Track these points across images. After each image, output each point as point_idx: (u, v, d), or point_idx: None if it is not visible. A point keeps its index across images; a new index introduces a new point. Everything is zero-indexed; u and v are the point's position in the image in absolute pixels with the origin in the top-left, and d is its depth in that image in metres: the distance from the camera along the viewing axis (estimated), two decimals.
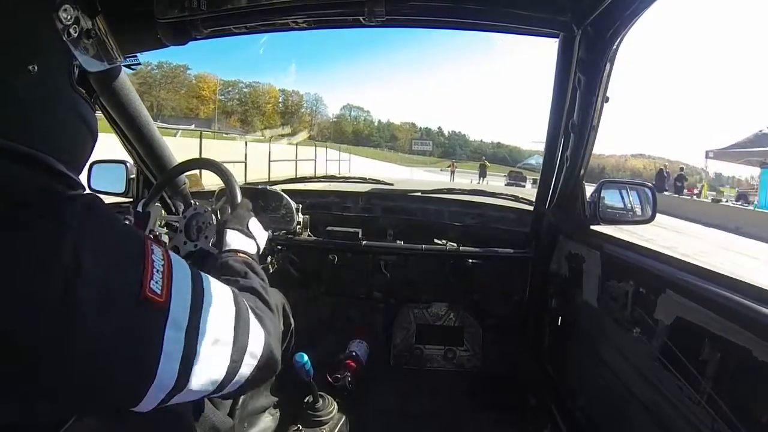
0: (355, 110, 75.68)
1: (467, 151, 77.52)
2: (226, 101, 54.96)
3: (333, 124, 71.08)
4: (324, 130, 67.22)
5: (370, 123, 76.87)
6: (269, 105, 61.15)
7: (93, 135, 0.57)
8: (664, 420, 0.80)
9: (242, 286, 0.67)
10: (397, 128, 78.62)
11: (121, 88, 1.26)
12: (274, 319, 0.65)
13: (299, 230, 1.58)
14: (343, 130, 70.72)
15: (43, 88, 0.48)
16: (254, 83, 60.11)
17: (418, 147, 67.12)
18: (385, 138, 75.02)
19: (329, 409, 1.11)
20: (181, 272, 0.50)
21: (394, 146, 72.12)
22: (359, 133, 72.23)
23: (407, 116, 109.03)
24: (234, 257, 0.78)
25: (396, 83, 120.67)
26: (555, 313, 1.37)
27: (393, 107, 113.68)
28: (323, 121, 69.65)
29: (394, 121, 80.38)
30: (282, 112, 62.89)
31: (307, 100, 67.51)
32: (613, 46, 1.00)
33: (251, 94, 59.48)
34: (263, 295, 0.67)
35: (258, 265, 0.80)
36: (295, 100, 66.17)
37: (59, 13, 0.51)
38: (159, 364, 0.43)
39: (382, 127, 77.09)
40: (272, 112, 61.00)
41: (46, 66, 0.48)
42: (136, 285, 0.43)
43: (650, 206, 1.25)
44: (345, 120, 73.60)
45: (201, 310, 0.49)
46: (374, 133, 75.09)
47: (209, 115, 46.47)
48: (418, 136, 76.29)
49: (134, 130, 1.40)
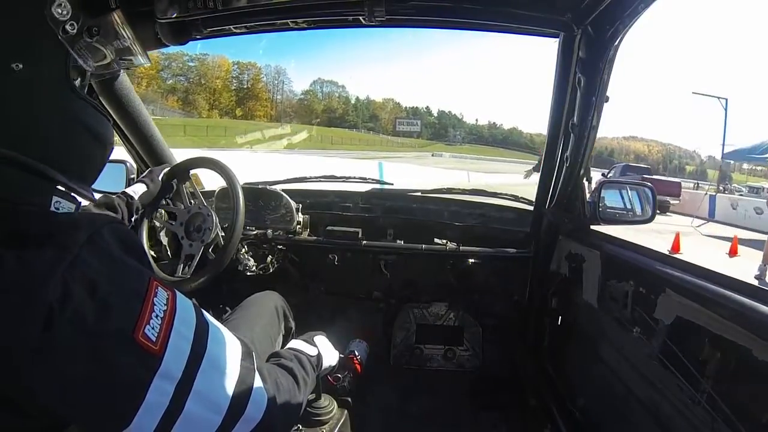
0: (327, 85, 64.96)
1: (461, 132, 68.66)
2: (165, 78, 46.45)
3: (299, 102, 60.76)
4: (287, 109, 57.61)
5: (346, 100, 65.97)
6: (219, 80, 52.01)
7: (101, 143, 0.53)
8: (664, 420, 0.80)
9: (280, 363, 0.66)
10: (379, 106, 67.74)
11: (121, 88, 1.26)
12: (293, 391, 0.61)
13: (299, 230, 1.58)
14: (312, 108, 60.59)
15: (30, 89, 0.45)
16: (202, 55, 50.27)
17: (403, 128, 58.81)
18: (364, 117, 64.38)
19: (329, 409, 1.11)
20: (185, 320, 0.46)
21: (374, 127, 62.39)
22: (332, 111, 61.85)
23: (390, 95, 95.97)
24: (286, 350, 0.77)
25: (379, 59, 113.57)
26: (555, 313, 1.37)
27: (373, 85, 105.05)
28: (286, 99, 59.76)
29: (374, 98, 69.55)
30: (236, 89, 53.89)
31: (266, 74, 57.51)
32: (613, 46, 1.00)
33: (198, 69, 50.57)
34: (294, 372, 0.65)
35: (310, 365, 0.75)
36: (252, 74, 56.35)
37: (52, 8, 0.47)
38: (137, 414, 0.40)
39: (360, 105, 66.29)
40: (222, 88, 52.41)
41: (36, 66, 0.45)
42: (128, 326, 0.40)
43: (650, 206, 1.25)
44: (314, 97, 62.93)
45: (200, 366, 0.45)
46: (350, 111, 64.22)
47: (143, 95, 36.57)
48: (404, 115, 65.81)
49: (134, 130, 1.40)
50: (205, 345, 0.47)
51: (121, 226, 0.46)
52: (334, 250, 1.57)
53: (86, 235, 0.41)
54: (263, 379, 0.54)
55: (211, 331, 0.49)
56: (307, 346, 0.83)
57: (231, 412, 0.47)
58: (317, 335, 0.92)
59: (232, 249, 1.22)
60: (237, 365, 0.50)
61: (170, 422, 0.42)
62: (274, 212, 1.59)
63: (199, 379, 0.45)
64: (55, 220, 0.44)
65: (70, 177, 0.49)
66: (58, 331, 0.36)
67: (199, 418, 0.45)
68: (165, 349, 0.42)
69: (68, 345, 0.37)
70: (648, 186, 1.29)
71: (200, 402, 0.45)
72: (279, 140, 33.65)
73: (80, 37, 0.52)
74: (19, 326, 0.35)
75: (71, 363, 0.38)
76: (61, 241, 0.39)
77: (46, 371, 0.37)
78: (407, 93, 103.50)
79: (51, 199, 0.47)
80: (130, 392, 0.41)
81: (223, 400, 0.47)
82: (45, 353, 0.36)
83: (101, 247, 0.42)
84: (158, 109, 40.51)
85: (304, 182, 1.75)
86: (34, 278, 0.36)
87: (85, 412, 0.40)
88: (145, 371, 0.41)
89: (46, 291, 0.36)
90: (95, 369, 0.39)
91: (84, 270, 0.39)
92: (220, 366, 0.48)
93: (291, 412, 0.60)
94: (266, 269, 1.55)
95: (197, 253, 1.26)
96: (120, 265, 0.43)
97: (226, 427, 0.47)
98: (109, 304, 0.40)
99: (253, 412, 0.50)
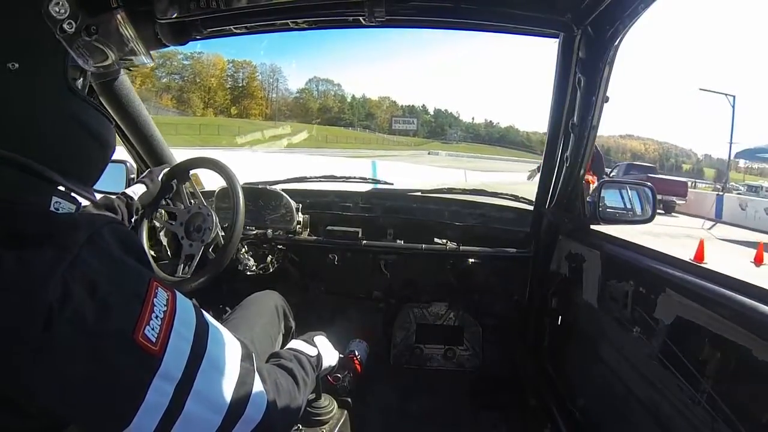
0: (323, 84, 64.07)
1: (458, 130, 68.05)
2: (159, 77, 45.09)
3: (294, 101, 60.22)
4: (282, 107, 57.33)
5: (342, 98, 65.03)
6: (213, 78, 51.00)
7: (101, 144, 0.53)
8: (664, 420, 0.80)
9: (280, 364, 0.66)
10: (375, 105, 67.15)
11: (121, 89, 1.26)
12: (293, 391, 0.61)
13: (299, 230, 1.58)
14: (307, 107, 59.91)
15: (27, 89, 0.45)
16: (197, 53, 49.37)
17: (399, 126, 58.20)
18: (360, 116, 63.82)
19: (329, 409, 1.11)
20: (184, 321, 0.46)
21: (370, 125, 61.64)
22: (328, 110, 61.14)
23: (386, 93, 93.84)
24: (286, 350, 0.77)
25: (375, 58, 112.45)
26: (555, 313, 1.37)
27: (370, 83, 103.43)
28: (280, 97, 59.28)
29: (370, 96, 68.67)
30: (231, 88, 53.36)
31: (261, 72, 56.52)
32: (613, 46, 1.00)
33: (193, 67, 49.48)
34: (294, 372, 0.65)
35: (309, 365, 0.75)
36: (247, 72, 55.28)
37: (49, 7, 0.46)
38: (137, 415, 0.40)
39: (356, 103, 65.56)
40: (217, 86, 51.48)
41: (33, 65, 0.45)
42: (128, 327, 0.40)
43: (650, 206, 1.25)
44: (310, 96, 62.24)
45: (199, 367, 0.45)
46: (346, 110, 63.62)
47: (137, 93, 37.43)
48: (400, 113, 65.46)
49: (134, 130, 1.40)
50: (205, 346, 0.47)
51: (120, 227, 0.46)
52: (334, 250, 1.57)
53: (86, 236, 0.41)
54: (263, 380, 0.53)
55: (211, 331, 0.49)
56: (307, 347, 0.83)
57: (231, 412, 0.47)
58: (317, 335, 0.92)
59: (232, 249, 1.22)
60: (237, 366, 0.50)
61: (170, 423, 0.42)
62: (274, 212, 1.59)
63: (199, 380, 0.45)
64: (54, 220, 0.43)
65: (69, 177, 0.49)
66: (58, 331, 0.36)
67: (199, 418, 0.45)
68: (165, 349, 0.42)
69: (68, 345, 0.37)
70: (648, 186, 1.29)
71: (200, 402, 0.45)
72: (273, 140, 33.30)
73: (79, 36, 0.51)
74: (19, 326, 0.35)
75: (71, 363, 0.38)
76: (61, 241, 0.39)
77: (46, 371, 0.37)
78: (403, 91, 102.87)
79: (50, 200, 0.47)
80: (129, 393, 0.41)
81: (222, 400, 0.47)
82: (45, 353, 0.36)
83: (101, 248, 0.41)
84: (152, 107, 39.70)
85: (304, 182, 1.75)
86: (34, 278, 0.36)
87: (85, 413, 0.40)
88: (144, 372, 0.41)
89: (46, 291, 0.36)
90: (95, 369, 0.39)
91: (84, 270, 0.39)
92: (219, 367, 0.48)
93: (291, 412, 0.60)
94: (266, 269, 1.55)
95: (197, 253, 1.26)
96: (120, 265, 0.43)
97: (226, 427, 0.47)
98: (109, 305, 0.40)
99: (252, 413, 0.50)
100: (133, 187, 1.26)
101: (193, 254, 1.27)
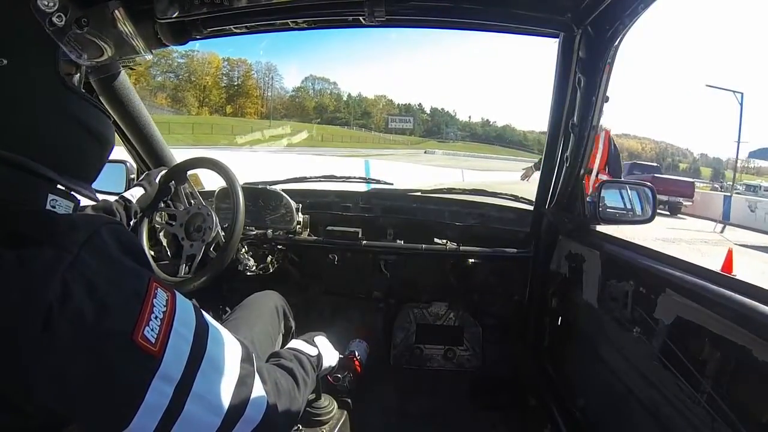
0: (319, 82, 62.31)
1: (454, 129, 67.26)
2: (153, 75, 43.74)
3: (290, 99, 58.90)
4: (278, 106, 56.49)
5: (338, 97, 63.25)
6: (209, 77, 49.54)
7: (99, 140, 0.52)
8: (664, 420, 0.80)
9: (280, 363, 0.66)
10: (371, 103, 66.00)
11: (121, 88, 1.26)
12: (293, 392, 0.61)
13: (299, 230, 1.58)
14: (303, 105, 58.29)
15: (18, 85, 0.44)
16: (192, 52, 47.65)
17: (396, 125, 58.04)
18: (356, 114, 62.10)
19: (329, 409, 1.11)
20: (184, 322, 0.46)
21: (366, 124, 61.21)
22: (323, 108, 60.26)
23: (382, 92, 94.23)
24: (286, 350, 0.77)
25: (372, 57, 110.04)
26: (555, 313, 1.37)
27: (366, 82, 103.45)
28: (276, 96, 57.60)
29: (366, 95, 67.63)
30: (227, 86, 52.38)
31: (257, 70, 54.66)
32: (613, 46, 1.00)
33: (188, 65, 47.89)
34: (294, 372, 0.65)
35: (310, 365, 0.75)
36: (243, 71, 53.41)
37: (38, 0, 0.45)
38: (136, 415, 0.40)
39: (352, 101, 64.81)
40: (212, 85, 50.12)
41: (22, 60, 0.44)
42: (127, 327, 0.40)
43: (650, 206, 1.25)
44: (306, 94, 60.61)
45: (199, 367, 0.45)
46: (342, 108, 61.98)
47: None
48: (396, 112, 64.63)
49: (134, 130, 1.40)
50: (205, 346, 0.47)
51: (119, 227, 0.46)
52: (334, 250, 1.57)
53: (86, 236, 0.40)
54: (263, 380, 0.53)
55: (211, 332, 0.49)
56: (307, 346, 0.83)
57: (230, 413, 0.47)
58: (317, 335, 0.92)
59: (232, 248, 1.22)
60: (236, 366, 0.50)
61: (170, 423, 0.42)
62: (274, 212, 1.59)
63: (199, 381, 0.44)
64: (53, 220, 0.43)
65: (66, 175, 0.48)
66: (58, 330, 0.36)
67: (199, 419, 0.45)
68: (164, 350, 0.42)
69: (67, 345, 0.37)
70: (648, 186, 1.29)
71: (199, 403, 0.44)
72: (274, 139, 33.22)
73: (69, 29, 0.50)
74: (19, 325, 0.35)
75: (70, 363, 0.38)
76: (61, 241, 0.39)
77: (46, 370, 0.37)
78: (400, 90, 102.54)
79: (47, 198, 0.47)
80: (129, 393, 0.41)
81: (222, 401, 0.47)
82: (44, 353, 0.36)
83: (100, 248, 0.41)
84: (147, 106, 38.85)
85: (304, 182, 1.75)
86: (34, 278, 0.36)
87: (85, 413, 0.40)
88: (144, 372, 0.41)
89: (46, 290, 0.36)
90: (94, 369, 0.39)
91: (83, 270, 0.39)
92: (219, 367, 0.48)
93: (291, 412, 0.59)
94: (266, 269, 1.55)
95: (198, 253, 1.27)
96: (119, 265, 0.43)
97: (226, 428, 0.47)
98: (108, 305, 0.39)
99: (252, 414, 0.50)
100: (130, 190, 1.27)
101: (194, 254, 1.27)
